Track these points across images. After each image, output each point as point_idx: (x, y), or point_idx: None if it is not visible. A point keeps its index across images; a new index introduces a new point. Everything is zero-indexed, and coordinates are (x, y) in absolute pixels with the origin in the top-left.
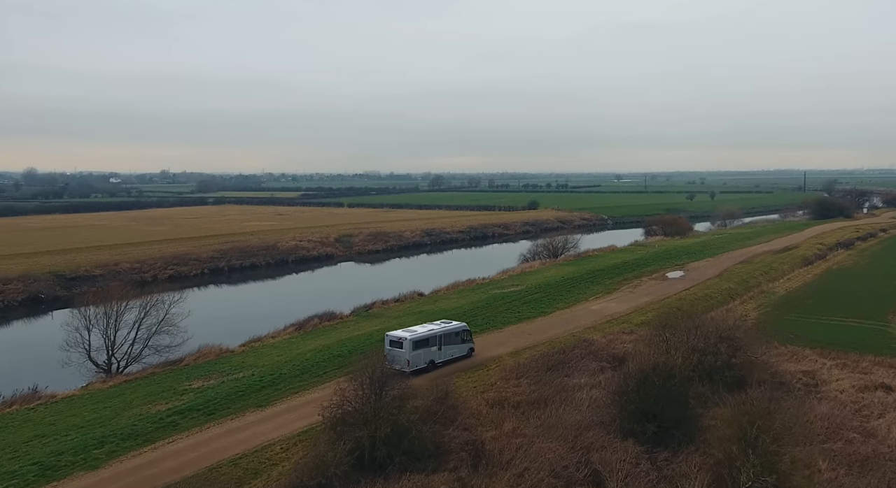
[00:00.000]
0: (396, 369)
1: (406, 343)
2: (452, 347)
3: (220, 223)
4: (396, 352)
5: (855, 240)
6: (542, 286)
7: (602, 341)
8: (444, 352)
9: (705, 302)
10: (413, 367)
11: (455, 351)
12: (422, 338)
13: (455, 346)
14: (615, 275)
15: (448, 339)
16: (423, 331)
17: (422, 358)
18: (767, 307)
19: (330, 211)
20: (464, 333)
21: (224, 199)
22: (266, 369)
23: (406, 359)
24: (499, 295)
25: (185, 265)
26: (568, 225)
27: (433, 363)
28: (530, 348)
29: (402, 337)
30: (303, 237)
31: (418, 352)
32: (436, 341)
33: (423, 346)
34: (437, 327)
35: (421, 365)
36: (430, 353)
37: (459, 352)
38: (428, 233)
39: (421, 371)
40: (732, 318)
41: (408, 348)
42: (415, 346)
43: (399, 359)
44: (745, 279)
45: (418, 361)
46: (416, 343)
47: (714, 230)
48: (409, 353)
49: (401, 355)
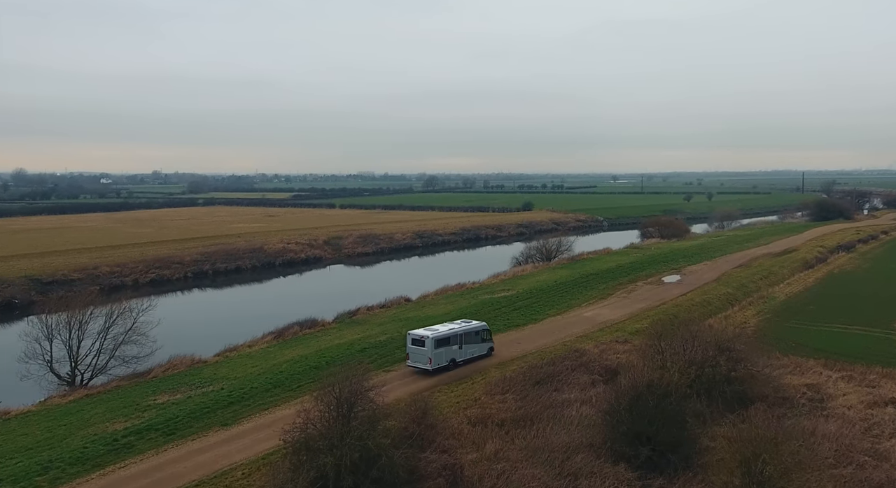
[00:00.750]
0: (419, 368)
1: (428, 341)
2: (473, 346)
3: (209, 224)
4: (418, 350)
5: (856, 243)
6: (534, 291)
7: (594, 351)
8: (465, 351)
9: (703, 308)
10: (435, 365)
11: (475, 349)
12: (443, 337)
13: (475, 345)
14: (610, 280)
15: (469, 338)
16: (444, 330)
17: (443, 356)
18: (767, 313)
19: (321, 212)
20: (484, 332)
21: (214, 200)
22: (237, 382)
23: (428, 356)
24: (488, 300)
25: (168, 268)
26: (563, 226)
27: (454, 361)
28: (518, 359)
29: (424, 335)
30: (291, 239)
31: (440, 350)
32: (457, 340)
33: (444, 345)
34: (458, 326)
35: (443, 363)
36: (451, 352)
37: (479, 352)
38: (419, 235)
39: (442, 369)
40: (731, 327)
41: (430, 346)
42: (437, 345)
43: (421, 358)
44: (743, 283)
45: (440, 360)
46: (438, 341)
47: (711, 232)
48: (432, 351)
49: (423, 353)
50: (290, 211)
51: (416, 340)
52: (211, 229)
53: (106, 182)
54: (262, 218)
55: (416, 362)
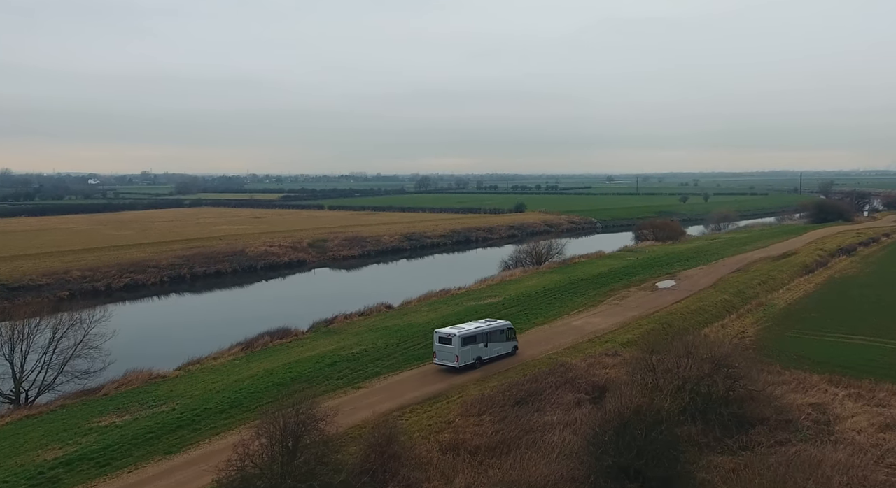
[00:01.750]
0: (446, 365)
1: (455, 339)
2: (498, 344)
3: (192, 226)
4: (445, 348)
5: (857, 246)
6: (522, 298)
7: (581, 366)
8: (491, 349)
9: (699, 316)
10: (462, 363)
11: (500, 348)
12: (470, 335)
13: (500, 344)
14: (601, 285)
15: (494, 337)
16: (470, 328)
17: (470, 354)
18: (767, 322)
19: (309, 213)
20: (508, 331)
21: (201, 201)
22: (193, 401)
23: (455, 354)
24: (473, 308)
25: (143, 273)
26: (555, 228)
27: (480, 359)
28: (500, 373)
29: (450, 333)
30: (274, 242)
31: (466, 348)
32: (483, 338)
33: (470, 343)
34: (484, 325)
35: (469, 361)
36: (477, 350)
37: (504, 350)
38: (408, 238)
39: (469, 367)
40: (729, 338)
41: (457, 344)
42: (463, 343)
43: (448, 356)
44: (741, 289)
45: (467, 357)
46: (465, 339)
47: (708, 234)
48: (458, 349)
49: (450, 351)
50: (278, 212)
51: (443, 338)
52: (194, 231)
53: (94, 183)
54: (247, 219)
55: (444, 360)
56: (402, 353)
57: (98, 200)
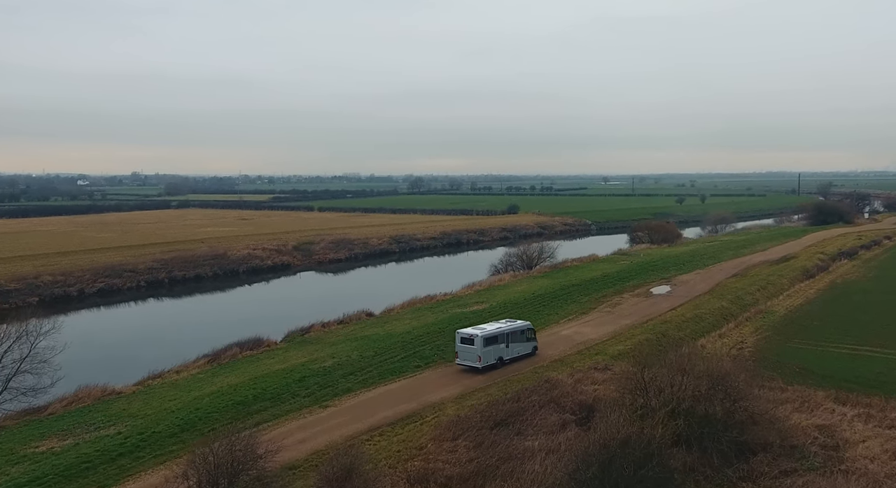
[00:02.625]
0: (468, 365)
1: (477, 339)
2: (518, 345)
3: (177, 228)
4: (467, 348)
5: (858, 249)
6: (510, 304)
7: (568, 382)
8: (512, 350)
9: (695, 325)
10: (484, 363)
11: (521, 348)
12: (492, 335)
13: (521, 344)
14: (593, 291)
15: (514, 337)
16: (492, 329)
17: (492, 354)
18: (767, 331)
19: (298, 215)
20: (528, 332)
21: (189, 203)
22: (144, 422)
23: (477, 354)
24: (458, 315)
25: (119, 277)
26: (549, 230)
27: (501, 360)
28: (481, 390)
29: (473, 334)
30: (257, 245)
31: (489, 348)
32: (504, 338)
33: (492, 343)
34: (505, 325)
35: (491, 361)
36: (498, 350)
37: (524, 350)
38: (397, 240)
39: (490, 367)
40: (728, 348)
41: (479, 345)
42: (486, 343)
43: (470, 356)
44: (739, 296)
45: (489, 358)
46: (487, 340)
47: (705, 237)
48: (481, 349)
49: (472, 351)
50: (266, 214)
51: (465, 339)
52: (177, 233)
53: (83, 183)
54: (234, 221)
55: (466, 360)
56: (378, 367)
57: (83, 202)
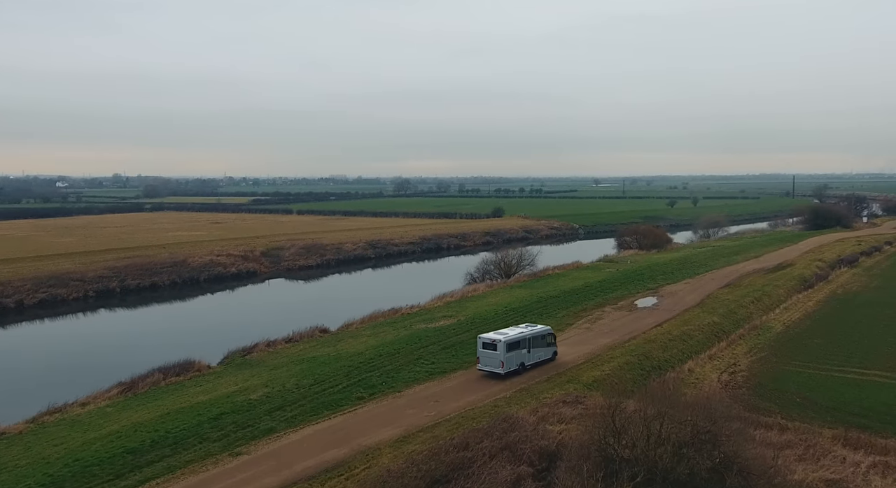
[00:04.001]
0: (490, 371)
1: (500, 345)
2: (539, 350)
3: (143, 233)
4: (490, 353)
5: (859, 256)
6: (480, 319)
7: (529, 421)
8: (533, 355)
9: (682, 344)
10: (507, 369)
11: (541, 354)
12: (514, 341)
13: (542, 349)
14: (572, 304)
15: (536, 342)
16: (513, 334)
17: (514, 360)
18: (762, 350)
19: (275, 219)
20: (549, 336)
21: (164, 205)
22: (4, 479)
23: (500, 360)
24: (421, 333)
25: (65, 287)
26: (534, 235)
27: (523, 365)
28: (426, 430)
29: (495, 339)
30: (222, 251)
31: (511, 354)
32: (526, 344)
33: (515, 348)
34: (526, 330)
35: (513, 366)
36: (520, 355)
37: (545, 356)
38: (373, 246)
39: (513, 373)
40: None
41: (502, 350)
42: (508, 348)
43: (493, 361)
44: (732, 309)
45: (511, 363)
46: (510, 345)
47: (696, 242)
48: (504, 355)
49: (495, 357)
50: (242, 217)
51: (487, 344)
52: (142, 238)
53: (62, 185)
54: (207, 225)
55: (488, 366)
56: (313, 399)
57: (53, 205)
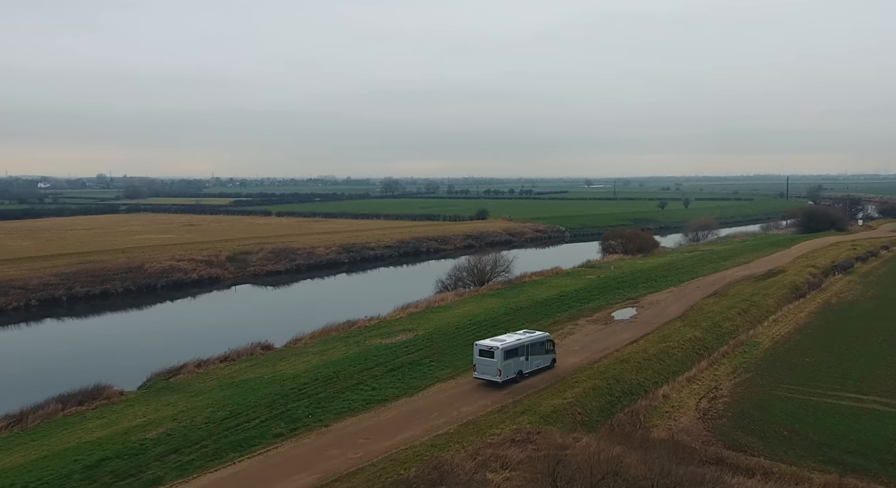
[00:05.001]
0: (487, 380)
1: (497, 352)
2: (538, 357)
3: (110, 236)
4: (487, 361)
5: (854, 261)
6: (440, 334)
7: (466, 467)
8: (531, 363)
9: (659, 363)
10: (504, 377)
11: (540, 361)
12: (511, 348)
13: (540, 357)
14: (544, 316)
15: (534, 349)
16: (511, 341)
17: (512, 368)
18: (748, 371)
19: (252, 221)
20: (548, 343)
21: (139, 207)
22: None
23: (497, 368)
24: (373, 349)
25: (4, 295)
26: (518, 238)
27: (521, 373)
28: (343, 480)
29: (492, 346)
30: (184, 255)
31: (509, 361)
32: (524, 351)
33: (513, 356)
34: (524, 337)
35: (511, 375)
36: (518, 363)
37: (543, 363)
38: (347, 249)
39: (511, 381)
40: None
41: (499, 357)
42: (506, 356)
43: (490, 369)
44: (717, 322)
45: (509, 371)
46: (507, 352)
47: (684, 246)
48: (501, 363)
49: (492, 365)
50: (218, 219)
51: (483, 351)
52: (105, 242)
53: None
54: (179, 227)
55: (485, 374)
56: (221, 438)
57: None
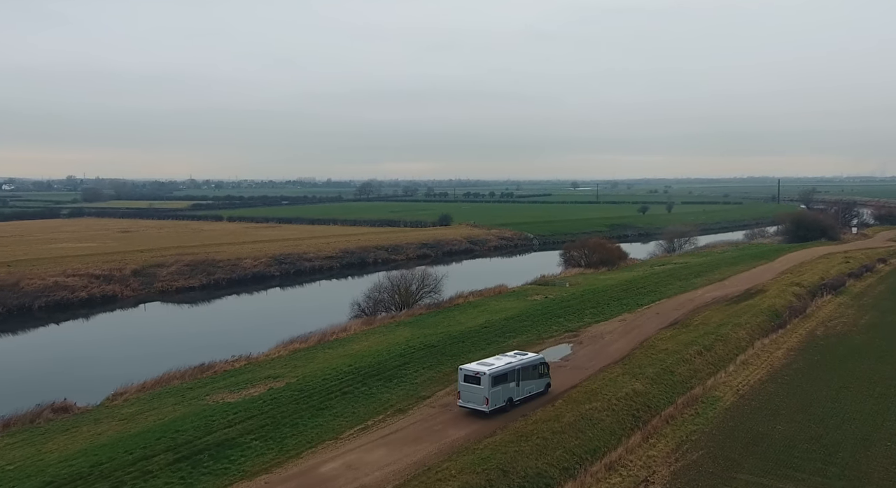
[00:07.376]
0: (473, 408)
1: (484, 378)
2: (530, 383)
3: (23, 245)
4: (472, 388)
5: (846, 278)
6: (308, 384)
7: None
8: (523, 389)
9: (574, 439)
10: (492, 406)
11: (532, 386)
12: (501, 373)
13: (533, 382)
14: (451, 356)
15: (526, 373)
16: (500, 365)
17: (501, 395)
18: (696, 447)
19: (197, 227)
20: (541, 366)
21: (82, 211)
22: None
23: (484, 396)
24: (201, 413)
25: None
26: (481, 246)
27: (511, 401)
28: None
29: (479, 371)
30: (77, 270)
31: (497, 388)
32: (515, 376)
33: (502, 382)
34: (515, 359)
35: (500, 403)
36: (508, 390)
37: (537, 389)
38: (280, 261)
39: (499, 410)
40: None
41: (486, 384)
42: (494, 382)
43: (475, 397)
44: (668, 366)
45: (497, 399)
46: (496, 378)
47: (658, 257)
48: (488, 390)
49: (478, 392)
50: (160, 225)
51: (469, 377)
52: (9, 252)
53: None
54: (112, 234)
55: (470, 402)
56: None
57: None
